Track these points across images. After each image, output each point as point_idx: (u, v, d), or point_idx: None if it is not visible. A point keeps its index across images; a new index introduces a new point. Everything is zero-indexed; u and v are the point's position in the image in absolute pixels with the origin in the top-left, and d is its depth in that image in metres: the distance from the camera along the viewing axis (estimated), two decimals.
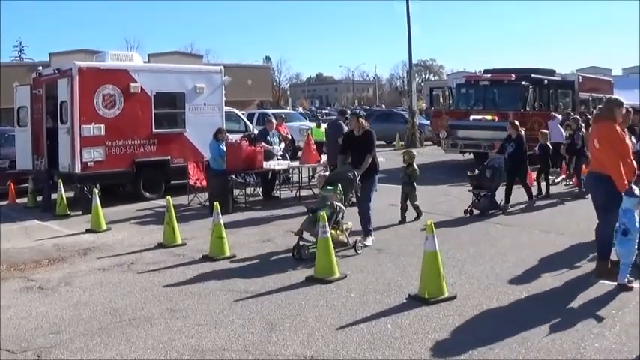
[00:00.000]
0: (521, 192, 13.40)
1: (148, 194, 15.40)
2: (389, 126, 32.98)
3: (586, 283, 7.52)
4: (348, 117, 11.44)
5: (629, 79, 40.90)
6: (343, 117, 13.94)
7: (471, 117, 20.92)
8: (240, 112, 23.35)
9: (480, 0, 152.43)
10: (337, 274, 7.94)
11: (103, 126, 14.46)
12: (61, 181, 13.80)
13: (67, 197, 13.81)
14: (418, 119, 32.35)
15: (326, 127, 16.37)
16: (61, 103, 14.55)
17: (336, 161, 10.90)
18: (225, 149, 13.65)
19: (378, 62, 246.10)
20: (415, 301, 6.91)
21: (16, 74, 36.32)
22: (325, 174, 12.29)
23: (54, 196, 14.26)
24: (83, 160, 14.19)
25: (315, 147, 15.96)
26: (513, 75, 20.97)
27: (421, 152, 26.72)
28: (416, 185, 12.00)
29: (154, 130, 15.34)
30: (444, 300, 6.89)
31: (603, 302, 6.81)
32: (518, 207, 13.14)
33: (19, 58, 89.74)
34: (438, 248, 6.90)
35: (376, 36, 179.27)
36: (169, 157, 15.61)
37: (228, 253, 9.34)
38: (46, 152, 15.46)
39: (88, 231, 11.79)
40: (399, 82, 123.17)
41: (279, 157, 15.66)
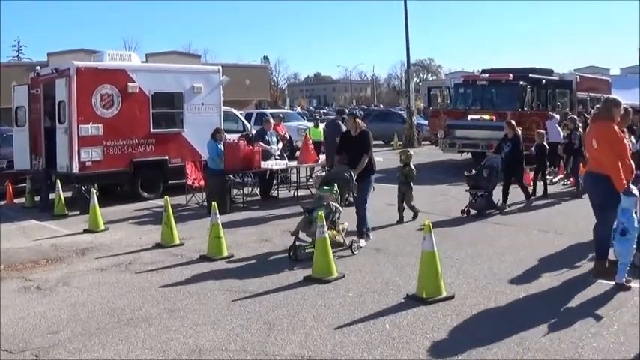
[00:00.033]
0: (519, 192, 13.41)
1: (145, 194, 15.40)
2: (387, 126, 32.99)
3: (584, 282, 7.53)
4: (345, 117, 11.41)
5: (627, 79, 40.93)
6: (341, 117, 13.93)
7: (469, 117, 20.93)
8: (238, 112, 23.36)
9: (478, 0, 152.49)
10: (335, 274, 7.94)
11: (100, 126, 14.47)
12: (58, 181, 13.80)
13: (64, 197, 13.80)
14: (416, 119, 32.36)
15: (324, 126, 16.37)
16: (59, 102, 14.56)
17: (334, 161, 10.89)
18: (223, 149, 13.66)
19: (376, 62, 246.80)
20: (413, 300, 6.92)
21: (14, 74, 36.20)
22: (321, 174, 12.28)
23: (52, 196, 14.26)
24: (81, 159, 14.20)
25: (312, 147, 15.97)
26: (511, 75, 20.99)
27: (419, 152, 26.72)
28: (413, 185, 12.01)
29: (152, 129, 15.35)
30: (442, 300, 6.90)
31: (601, 302, 6.82)
32: (515, 207, 13.16)
33: (17, 58, 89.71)
34: (435, 248, 6.90)
35: (374, 36, 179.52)
36: (167, 157, 15.61)
37: (226, 253, 9.34)
38: (43, 152, 15.47)
39: (86, 231, 11.79)
40: (396, 82, 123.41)
41: (277, 157, 15.68)
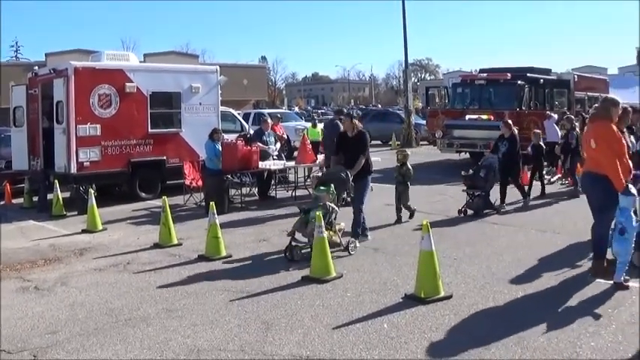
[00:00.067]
0: (516, 191, 13.42)
1: (143, 194, 15.38)
2: (385, 126, 33.02)
3: (582, 282, 7.54)
4: (342, 118, 11.37)
5: (625, 78, 41.07)
6: (340, 117, 13.91)
7: (467, 116, 20.94)
8: (236, 112, 23.34)
9: (476, 0, 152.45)
10: (333, 274, 7.94)
11: (98, 126, 14.46)
12: (57, 181, 13.80)
13: (63, 197, 13.79)
14: (414, 119, 32.35)
15: (323, 126, 16.37)
16: (57, 103, 14.53)
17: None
18: (220, 149, 13.65)
19: (374, 62, 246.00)
20: (411, 300, 6.92)
21: (11, 74, 36.15)
22: (318, 174, 12.27)
23: (50, 196, 14.25)
24: (79, 160, 14.18)
25: (310, 147, 15.97)
26: (509, 74, 21.00)
27: (417, 152, 26.76)
28: (410, 185, 12.00)
29: (150, 129, 15.33)
30: (440, 299, 6.90)
31: (599, 301, 6.82)
32: (513, 206, 13.16)
33: (15, 58, 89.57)
34: (434, 248, 6.91)
35: (372, 36, 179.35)
36: (165, 157, 15.60)
37: (224, 253, 9.34)
38: (42, 152, 15.43)
39: (84, 231, 11.78)
40: (394, 82, 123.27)
41: (275, 157, 15.68)
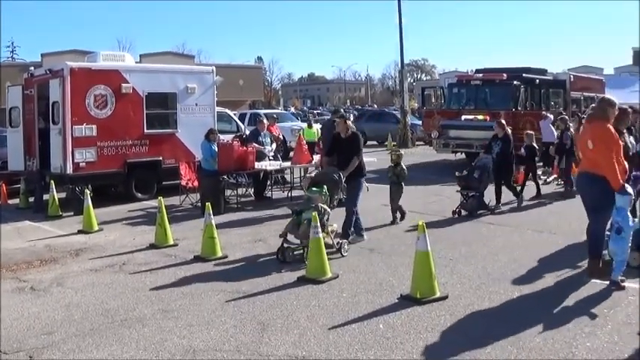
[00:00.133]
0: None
1: (139, 195, 15.37)
2: (381, 126, 33.06)
3: (578, 282, 7.55)
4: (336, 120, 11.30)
5: (621, 79, 41.12)
6: (338, 115, 13.91)
7: (463, 117, 20.95)
8: (231, 113, 23.32)
9: (472, 0, 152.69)
10: (329, 275, 7.94)
11: (94, 126, 14.44)
12: (52, 181, 13.78)
13: (58, 198, 13.78)
14: (410, 119, 32.35)
15: (320, 127, 16.35)
16: (53, 103, 14.52)
17: None
18: (216, 150, 13.65)
19: (369, 62, 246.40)
20: (407, 301, 6.92)
21: (7, 74, 36.10)
22: (311, 175, 12.24)
23: (46, 196, 14.22)
24: (75, 160, 14.17)
25: (306, 147, 15.95)
26: (505, 75, 21.04)
27: (413, 152, 26.81)
28: (404, 185, 12.00)
29: (146, 130, 15.32)
30: (436, 300, 6.91)
31: (595, 301, 6.84)
32: (508, 207, 13.17)
33: (11, 59, 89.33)
34: (429, 248, 6.91)
35: (368, 36, 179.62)
36: (161, 158, 15.59)
37: (219, 254, 9.33)
38: (37, 153, 15.42)
39: (80, 232, 11.77)
40: (390, 82, 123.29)
41: (271, 158, 15.67)
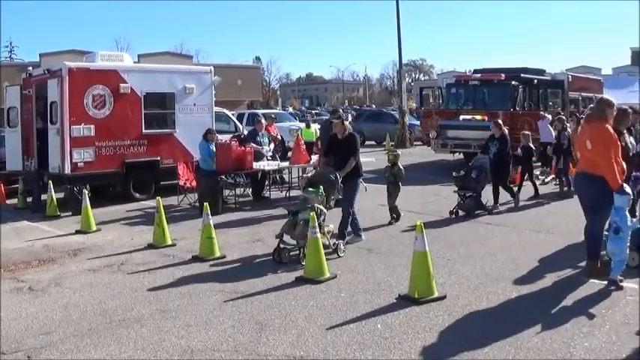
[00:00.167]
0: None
1: (137, 195, 15.38)
2: (379, 126, 33.05)
3: (576, 282, 7.56)
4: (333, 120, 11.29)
5: (619, 79, 41.19)
6: (336, 116, 13.89)
7: (461, 117, 20.96)
8: (230, 113, 23.33)
9: (470, 0, 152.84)
10: (327, 275, 7.95)
11: (92, 126, 14.45)
12: (50, 181, 13.78)
13: (56, 198, 13.78)
14: (408, 119, 32.35)
15: (319, 127, 16.34)
16: (51, 103, 14.53)
17: None
18: (215, 150, 13.64)
19: (368, 62, 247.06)
20: (405, 301, 6.93)
21: (6, 74, 36.03)
22: (308, 175, 12.24)
23: (44, 196, 14.22)
24: (73, 160, 14.17)
25: (304, 147, 15.96)
26: (503, 75, 21.05)
27: (411, 152, 26.82)
28: (401, 185, 12.00)
29: (144, 130, 15.32)
30: (434, 300, 6.91)
31: (593, 302, 6.84)
32: (506, 207, 13.17)
33: (9, 59, 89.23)
34: (427, 248, 6.91)
35: (366, 36, 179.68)
36: (159, 158, 15.59)
37: (218, 254, 9.33)
38: (35, 153, 15.43)
39: (78, 232, 11.77)
40: (389, 82, 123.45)
41: (269, 158, 15.67)
